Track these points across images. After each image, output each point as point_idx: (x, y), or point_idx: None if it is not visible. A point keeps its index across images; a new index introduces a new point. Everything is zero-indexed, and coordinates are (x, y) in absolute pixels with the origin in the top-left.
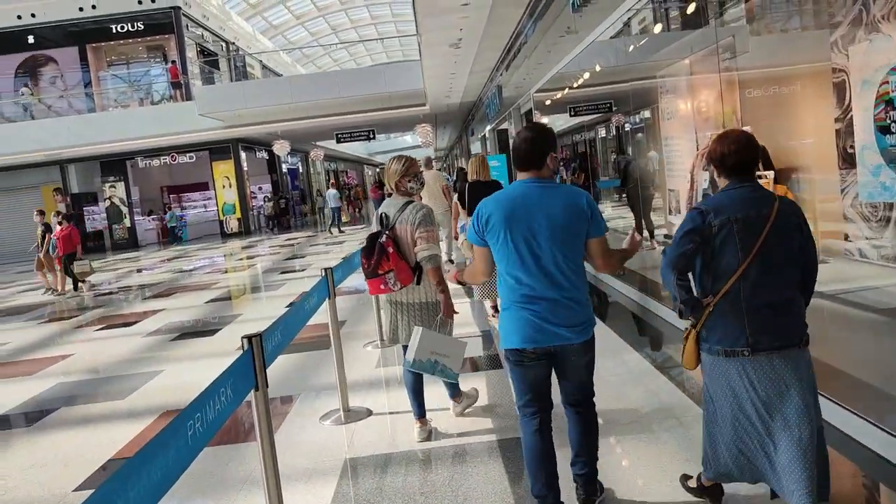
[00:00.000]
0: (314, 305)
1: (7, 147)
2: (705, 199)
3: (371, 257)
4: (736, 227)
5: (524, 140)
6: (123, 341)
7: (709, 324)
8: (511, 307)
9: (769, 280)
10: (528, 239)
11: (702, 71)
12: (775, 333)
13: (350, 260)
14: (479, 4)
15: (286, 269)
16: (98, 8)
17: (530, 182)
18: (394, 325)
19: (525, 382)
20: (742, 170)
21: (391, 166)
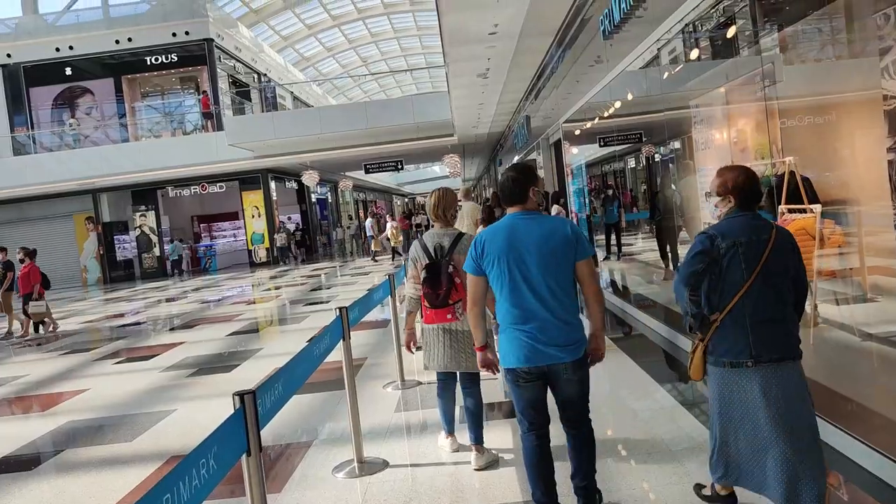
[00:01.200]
0: (325, 349)
1: (43, 176)
2: (712, 226)
3: (438, 288)
4: (741, 250)
5: (508, 179)
6: (140, 376)
7: (715, 338)
8: (507, 329)
9: (769, 297)
10: (519, 265)
11: (738, 99)
12: (775, 346)
13: (370, 296)
14: (507, 34)
15: (311, 301)
16: (134, 41)
17: (518, 215)
18: (449, 352)
19: (522, 399)
20: (748, 200)
21: (440, 199)
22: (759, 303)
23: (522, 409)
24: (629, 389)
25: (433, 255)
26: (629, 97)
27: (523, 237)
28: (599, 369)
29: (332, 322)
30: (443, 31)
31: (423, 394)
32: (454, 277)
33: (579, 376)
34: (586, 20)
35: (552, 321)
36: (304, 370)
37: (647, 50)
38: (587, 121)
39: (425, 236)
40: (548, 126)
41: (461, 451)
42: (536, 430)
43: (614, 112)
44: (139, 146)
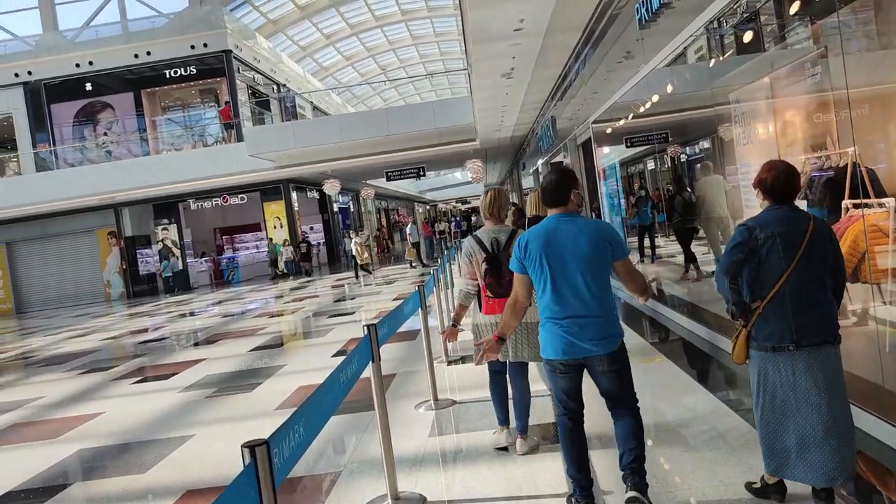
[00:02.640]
0: (353, 375)
1: (65, 192)
2: (751, 218)
3: (502, 277)
4: (779, 240)
5: (551, 182)
6: (157, 397)
7: (758, 324)
8: (547, 323)
9: (809, 284)
10: (559, 264)
11: (786, 89)
12: (815, 331)
13: (399, 310)
14: (533, 31)
15: (335, 313)
16: (152, 54)
17: (559, 216)
18: (508, 343)
19: (559, 387)
20: (785, 194)
21: (499, 197)
22: (798, 290)
23: (559, 395)
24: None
25: (490, 250)
26: (668, 90)
27: (563, 238)
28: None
29: (360, 342)
30: (466, 29)
31: (459, 415)
32: None
33: (615, 367)
34: (615, 15)
35: (589, 317)
36: (329, 404)
37: (691, 36)
38: (619, 119)
39: (479, 233)
40: (574, 127)
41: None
42: (570, 415)
43: (647, 110)
44: (160, 159)
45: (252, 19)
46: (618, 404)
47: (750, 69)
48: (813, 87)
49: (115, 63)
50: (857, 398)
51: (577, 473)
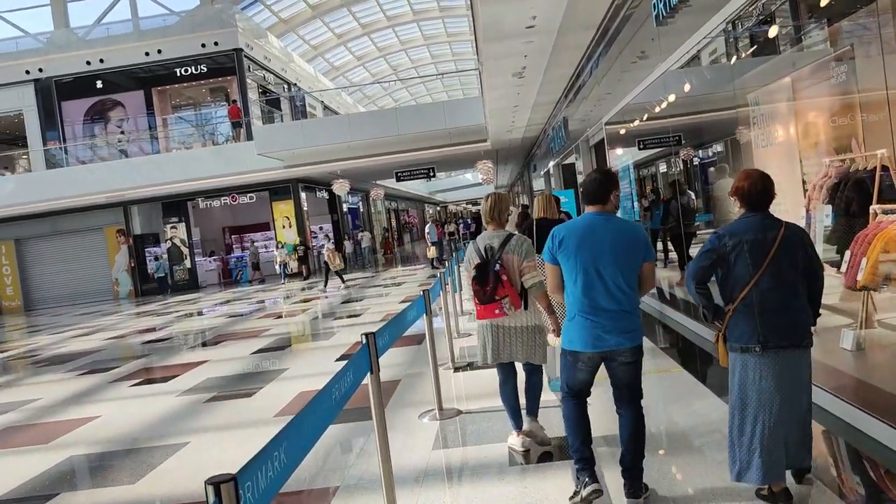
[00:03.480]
0: (349, 388)
1: (74, 189)
2: (723, 226)
3: (486, 284)
4: (747, 247)
5: (593, 181)
6: (155, 401)
7: (730, 325)
8: (576, 317)
9: (777, 289)
10: (593, 260)
11: (809, 89)
12: (782, 333)
13: (403, 315)
14: (545, 28)
15: (341, 315)
16: (163, 52)
17: (597, 214)
18: (496, 347)
19: (574, 378)
20: (759, 202)
21: (499, 202)
22: (766, 294)
23: (572, 384)
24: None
25: (483, 256)
26: (684, 90)
27: (600, 235)
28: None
29: (357, 353)
30: (477, 26)
31: (465, 425)
32: (501, 275)
33: (634, 360)
34: (629, 13)
35: (617, 312)
36: (318, 423)
37: (710, 34)
38: (632, 121)
39: (478, 238)
40: (587, 128)
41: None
42: (576, 399)
43: (662, 111)
44: (169, 157)
45: (263, 18)
46: (627, 397)
47: (770, 69)
48: (838, 88)
49: (125, 61)
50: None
51: (581, 446)
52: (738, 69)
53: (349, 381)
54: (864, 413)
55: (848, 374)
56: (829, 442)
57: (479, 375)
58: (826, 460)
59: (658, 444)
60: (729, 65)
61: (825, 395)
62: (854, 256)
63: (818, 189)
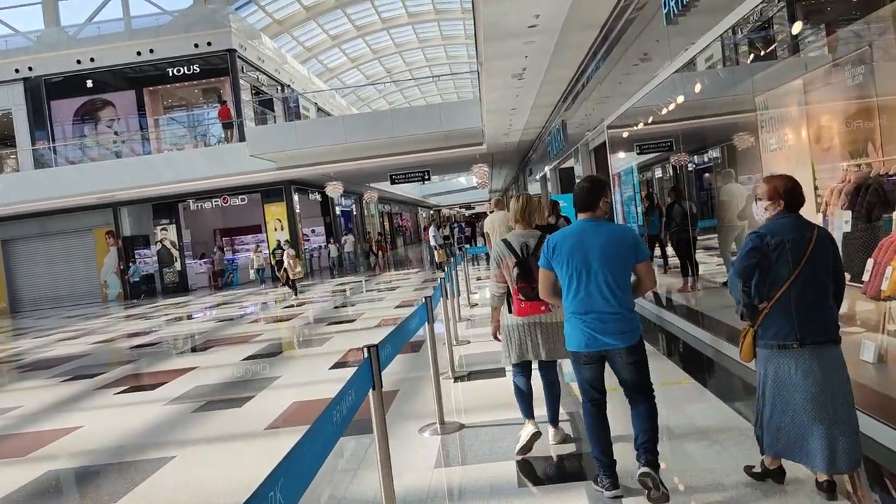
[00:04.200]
0: (349, 410)
1: (63, 189)
2: (762, 226)
3: (533, 281)
4: (788, 246)
5: (582, 189)
6: (141, 410)
7: (765, 323)
8: (571, 318)
9: (812, 287)
10: (586, 264)
11: (821, 91)
12: (818, 331)
13: (406, 325)
14: (548, 27)
15: (335, 320)
16: (155, 52)
17: (588, 220)
18: (528, 345)
19: (583, 377)
20: (797, 202)
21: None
22: (803, 293)
23: (583, 384)
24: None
25: (520, 254)
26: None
27: (591, 240)
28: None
29: (359, 368)
30: (478, 25)
31: (469, 441)
32: None
33: (634, 359)
34: (636, 12)
35: (610, 313)
36: (318, 453)
37: (720, 34)
38: (637, 124)
39: (509, 237)
40: (587, 131)
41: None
42: (595, 403)
43: (668, 114)
44: (160, 158)
45: (257, 19)
46: (635, 392)
47: (780, 72)
48: (854, 90)
49: (117, 60)
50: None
51: (601, 455)
52: (748, 71)
53: (351, 399)
54: (888, 428)
55: (869, 387)
56: None
57: (479, 386)
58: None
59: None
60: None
61: None
62: (878, 265)
63: (836, 194)
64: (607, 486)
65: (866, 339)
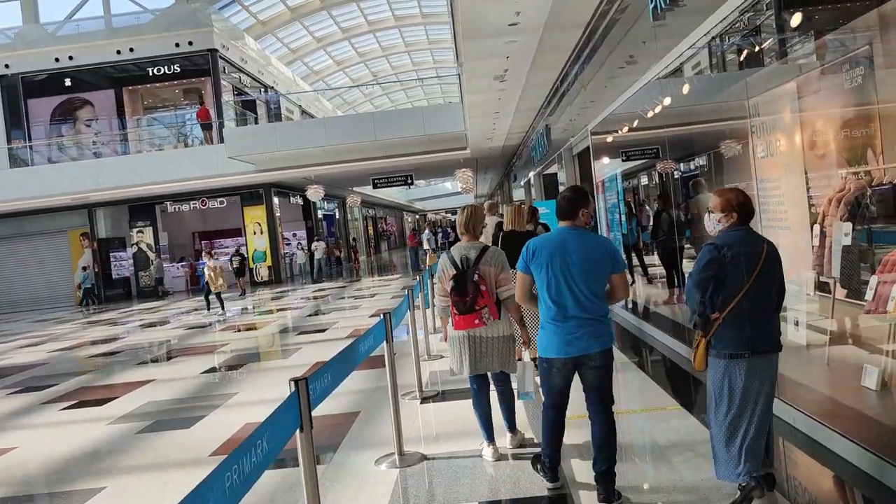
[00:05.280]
0: (266, 456)
1: (36, 190)
2: (717, 237)
3: (465, 295)
4: (743, 259)
5: (564, 198)
6: (83, 429)
7: (718, 333)
8: (547, 325)
9: (762, 298)
10: (564, 271)
11: (817, 95)
12: (767, 340)
13: (354, 348)
14: (530, 26)
15: (306, 329)
16: (135, 51)
17: (568, 229)
18: (474, 357)
19: (552, 385)
20: (749, 215)
21: (474, 214)
22: (754, 303)
23: (550, 391)
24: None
25: (459, 266)
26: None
27: (570, 248)
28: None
29: (282, 405)
30: (456, 23)
31: (430, 475)
32: (480, 285)
33: (605, 364)
34: (621, 11)
35: (586, 319)
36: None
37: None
38: (623, 126)
39: (452, 249)
40: (570, 136)
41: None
42: (556, 410)
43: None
44: (136, 159)
45: (241, 19)
46: (597, 401)
47: (772, 73)
48: (852, 93)
49: (96, 59)
50: None
51: (552, 454)
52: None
53: (264, 450)
54: (892, 466)
55: (870, 417)
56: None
57: (448, 408)
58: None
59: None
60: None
61: (844, 441)
62: (884, 284)
63: (834, 204)
64: (549, 479)
65: (868, 365)
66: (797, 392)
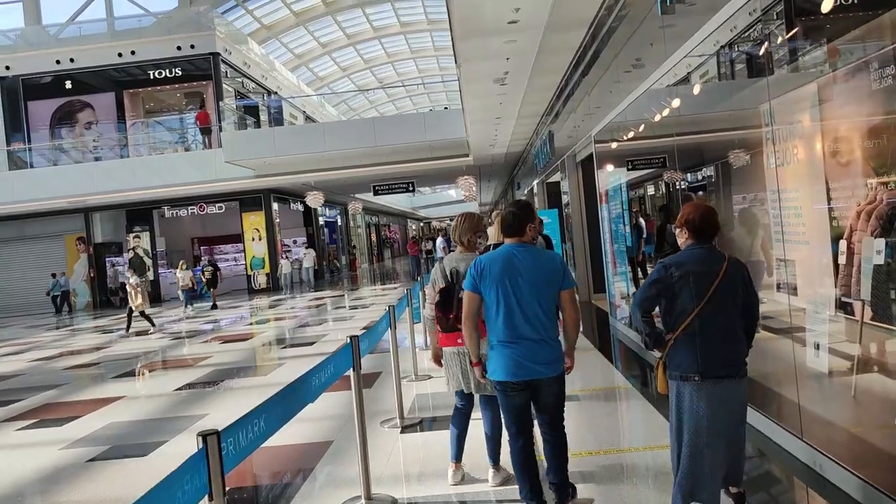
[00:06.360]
0: None
1: (33, 193)
2: (670, 256)
3: (449, 312)
4: (692, 278)
5: (510, 214)
6: (33, 455)
7: (670, 354)
8: (497, 346)
9: (718, 321)
10: (514, 289)
11: (840, 96)
12: (721, 364)
13: (306, 382)
14: (531, 24)
15: (295, 342)
16: (137, 54)
17: (515, 246)
18: (461, 375)
19: (510, 409)
20: (706, 232)
21: (462, 223)
22: (707, 325)
23: (509, 414)
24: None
25: (448, 279)
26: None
27: (518, 265)
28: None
29: (183, 466)
30: (453, 20)
31: None
32: None
33: (558, 388)
34: (623, 15)
35: (537, 341)
36: None
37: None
38: (629, 131)
39: (445, 260)
40: (574, 143)
41: (466, 482)
42: (521, 437)
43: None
44: (134, 162)
45: (245, 23)
46: (551, 423)
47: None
48: (883, 94)
49: (97, 61)
50: None
51: (530, 494)
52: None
53: None
54: None
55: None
56: None
57: (432, 439)
58: None
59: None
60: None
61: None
62: None
63: (864, 217)
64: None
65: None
66: (822, 431)
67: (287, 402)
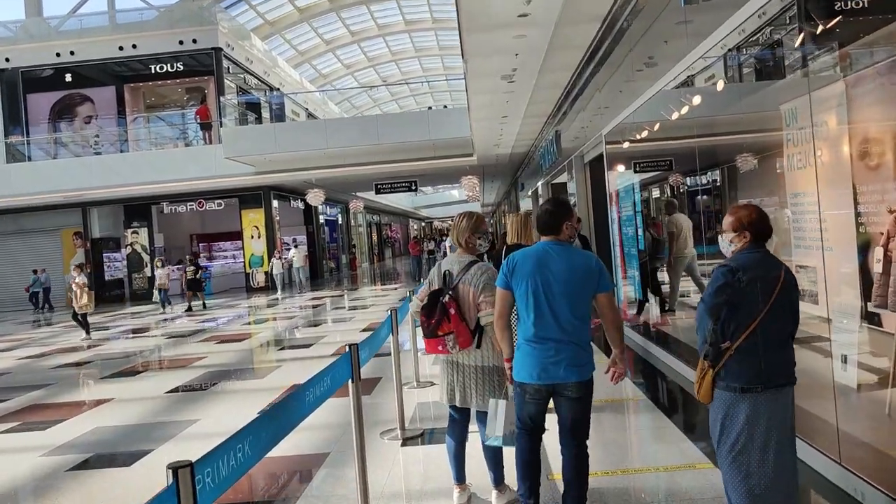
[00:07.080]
0: None
1: (28, 187)
2: (731, 259)
3: (432, 317)
4: (759, 284)
5: (546, 212)
6: (11, 462)
7: (728, 364)
8: (523, 345)
9: (778, 327)
10: (545, 288)
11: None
12: (781, 372)
13: (292, 403)
14: (541, 19)
15: (292, 344)
16: (138, 48)
17: (550, 244)
18: (451, 386)
19: (525, 410)
20: (762, 236)
21: (461, 223)
22: (769, 333)
23: (523, 417)
24: None
25: (443, 282)
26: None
27: (553, 265)
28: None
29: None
30: (460, 12)
31: None
32: (448, 308)
33: (580, 395)
34: (639, 9)
35: (566, 343)
36: None
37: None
38: (643, 130)
39: (443, 261)
40: (582, 143)
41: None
42: (530, 435)
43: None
44: (131, 157)
45: (248, 19)
46: (572, 434)
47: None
48: None
49: (98, 55)
50: None
51: (527, 494)
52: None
53: None
54: None
55: None
56: None
57: (434, 453)
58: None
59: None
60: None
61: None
62: None
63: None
64: None
65: None
66: (857, 453)
67: (276, 422)
